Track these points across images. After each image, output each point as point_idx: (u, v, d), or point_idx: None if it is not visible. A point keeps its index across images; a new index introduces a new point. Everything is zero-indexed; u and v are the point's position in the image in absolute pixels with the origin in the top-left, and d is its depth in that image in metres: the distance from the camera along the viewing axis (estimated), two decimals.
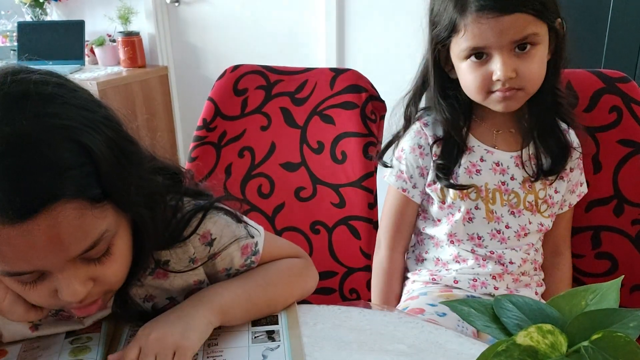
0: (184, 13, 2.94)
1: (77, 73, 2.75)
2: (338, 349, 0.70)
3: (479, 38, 0.97)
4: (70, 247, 0.57)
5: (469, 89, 1.03)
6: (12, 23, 3.14)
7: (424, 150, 1.11)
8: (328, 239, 1.31)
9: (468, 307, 0.54)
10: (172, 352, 0.65)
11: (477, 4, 0.96)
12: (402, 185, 1.13)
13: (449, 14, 1.01)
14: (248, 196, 1.34)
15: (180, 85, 3.10)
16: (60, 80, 0.61)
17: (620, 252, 1.17)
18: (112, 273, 0.64)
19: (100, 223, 0.59)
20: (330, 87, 1.31)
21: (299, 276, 0.84)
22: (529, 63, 0.98)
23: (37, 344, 0.73)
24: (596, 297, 0.52)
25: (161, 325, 0.68)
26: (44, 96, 0.57)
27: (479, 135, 1.09)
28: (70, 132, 0.56)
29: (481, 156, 1.08)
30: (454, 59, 1.04)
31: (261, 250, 0.80)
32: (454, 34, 1.01)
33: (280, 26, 2.70)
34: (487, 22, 0.95)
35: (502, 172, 1.07)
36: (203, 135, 1.34)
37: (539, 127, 1.06)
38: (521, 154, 1.07)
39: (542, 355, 0.45)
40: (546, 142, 1.06)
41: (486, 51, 0.98)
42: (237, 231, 0.77)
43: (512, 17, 0.94)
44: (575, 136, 1.10)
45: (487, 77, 0.99)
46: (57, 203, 0.54)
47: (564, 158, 1.07)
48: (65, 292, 0.60)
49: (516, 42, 0.96)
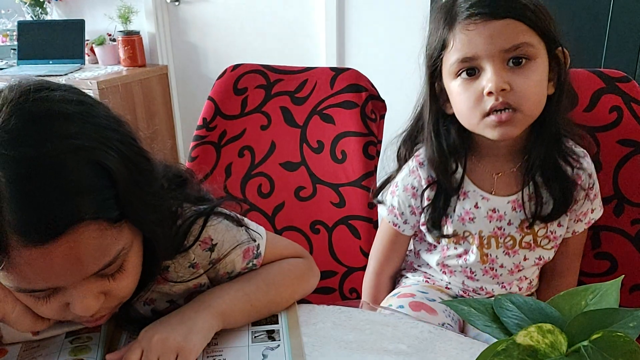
0: (184, 12, 2.94)
1: (77, 72, 2.75)
2: (338, 349, 0.70)
3: (467, 46, 0.91)
4: (88, 266, 0.58)
5: (461, 113, 0.95)
6: (12, 22, 3.14)
7: (417, 191, 1.05)
8: (328, 239, 1.31)
9: (468, 307, 0.54)
10: (174, 354, 0.65)
11: (466, 12, 0.92)
12: (394, 220, 1.10)
13: (440, 32, 0.96)
14: (248, 196, 1.34)
15: (180, 85, 3.10)
16: (80, 98, 0.61)
17: (620, 252, 1.17)
18: (124, 287, 0.65)
19: (118, 242, 0.60)
20: (330, 86, 1.31)
21: (301, 277, 0.84)
22: (525, 78, 0.90)
23: (37, 343, 0.73)
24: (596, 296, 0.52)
25: (164, 327, 0.68)
26: (66, 116, 0.57)
27: (477, 178, 1.02)
28: (92, 153, 0.56)
29: (476, 202, 1.01)
30: (446, 83, 0.97)
31: (263, 253, 0.80)
32: (444, 51, 0.95)
33: (280, 26, 2.70)
34: (475, 27, 0.90)
35: (498, 219, 1.01)
36: (203, 135, 1.34)
37: (541, 167, 0.98)
38: (521, 196, 0.99)
39: (542, 354, 0.45)
40: (548, 184, 0.98)
41: (477, 64, 0.91)
42: (238, 236, 0.77)
43: (503, 22, 0.89)
44: (590, 163, 1.02)
45: (479, 93, 0.91)
46: (78, 225, 0.54)
47: (566, 203, 0.98)
48: (78, 307, 0.61)
49: (508, 50, 0.89)
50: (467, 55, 0.91)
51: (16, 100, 0.56)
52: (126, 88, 2.79)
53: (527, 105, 0.91)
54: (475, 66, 0.92)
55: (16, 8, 3.13)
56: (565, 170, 0.99)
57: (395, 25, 2.40)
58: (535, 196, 0.98)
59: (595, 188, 1.03)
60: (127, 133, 0.63)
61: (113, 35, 2.97)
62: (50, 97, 0.57)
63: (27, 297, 0.62)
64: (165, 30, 3.00)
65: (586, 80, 1.17)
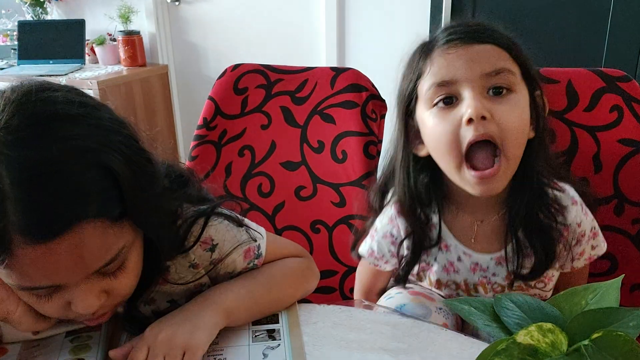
0: (185, 12, 2.94)
1: (77, 72, 2.75)
2: (338, 348, 0.70)
3: (445, 69, 0.84)
4: (90, 264, 0.58)
5: (437, 150, 0.87)
6: (12, 22, 3.14)
7: (396, 240, 0.99)
8: (328, 238, 1.31)
9: (469, 306, 0.54)
10: (181, 352, 0.65)
11: (444, 39, 0.87)
12: (374, 262, 1.04)
13: (414, 64, 0.90)
14: (248, 195, 1.34)
15: (180, 84, 3.10)
16: (83, 100, 0.61)
17: (620, 252, 1.17)
18: (125, 285, 0.65)
19: (119, 240, 0.60)
20: (331, 86, 1.31)
21: (302, 276, 0.84)
22: (506, 108, 0.83)
23: (37, 342, 0.73)
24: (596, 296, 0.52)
25: (169, 325, 0.68)
26: (70, 118, 0.57)
27: (457, 230, 0.95)
28: (95, 155, 0.56)
29: (458, 256, 0.96)
30: (420, 117, 0.90)
31: (264, 253, 0.80)
32: (419, 80, 0.89)
33: (280, 25, 2.70)
34: (454, 51, 0.85)
35: (482, 271, 0.96)
36: (203, 134, 1.34)
37: (523, 223, 0.91)
38: (504, 253, 0.93)
39: (542, 354, 0.45)
40: (531, 241, 0.91)
41: (455, 90, 0.84)
42: (239, 236, 0.77)
43: (484, 46, 0.85)
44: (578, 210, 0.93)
45: (457, 123, 0.83)
46: (80, 224, 0.55)
47: (547, 261, 0.92)
48: (80, 305, 0.61)
49: (489, 75, 0.83)
50: (444, 79, 0.85)
51: (18, 100, 0.56)
52: (126, 88, 2.79)
53: (510, 141, 0.83)
54: (453, 93, 0.85)
55: (16, 8, 3.13)
56: (549, 225, 0.91)
57: (396, 24, 2.40)
58: (517, 254, 0.92)
59: (587, 233, 0.95)
60: (130, 135, 0.63)
61: (113, 35, 2.97)
62: (53, 99, 0.58)
63: (29, 296, 0.62)
64: (165, 30, 2.99)
65: (586, 79, 1.17)
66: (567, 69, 1.21)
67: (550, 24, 2.01)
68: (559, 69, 1.21)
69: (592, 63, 2.00)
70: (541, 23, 2.02)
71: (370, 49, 2.50)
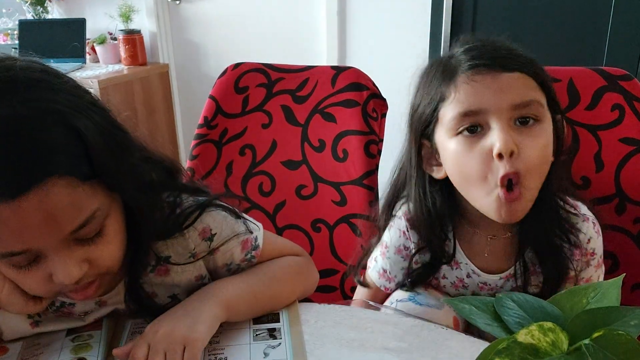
0: (185, 11, 2.94)
1: (78, 71, 2.75)
2: (339, 347, 0.70)
3: (472, 98, 0.81)
4: (63, 224, 0.58)
5: (465, 179, 0.85)
6: (13, 21, 3.14)
7: (410, 252, 0.97)
8: (329, 237, 1.31)
9: (469, 305, 0.54)
10: (181, 346, 0.65)
11: (468, 63, 0.83)
12: (384, 284, 1.00)
13: (435, 87, 0.87)
14: (249, 194, 1.34)
15: (181, 83, 3.10)
16: (44, 67, 0.63)
17: (622, 251, 1.17)
18: (107, 255, 0.65)
19: (91, 201, 0.60)
20: (332, 85, 1.31)
21: (301, 274, 0.85)
22: (532, 140, 0.80)
23: (38, 341, 0.73)
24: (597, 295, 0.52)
25: (169, 321, 0.68)
26: (31, 81, 0.59)
27: (468, 248, 0.94)
28: (61, 116, 0.58)
29: (468, 273, 0.95)
30: (440, 142, 0.87)
31: (261, 244, 0.81)
32: (441, 104, 0.85)
33: (281, 24, 2.70)
34: (482, 79, 0.81)
35: (490, 289, 0.96)
36: (204, 133, 1.34)
37: (535, 243, 0.90)
38: (513, 270, 0.92)
39: (543, 353, 0.45)
40: (542, 263, 0.91)
41: (481, 119, 0.81)
42: (236, 227, 0.78)
43: (512, 75, 0.81)
44: (592, 227, 0.92)
45: (486, 155, 0.80)
46: (48, 180, 0.56)
47: (557, 283, 0.90)
48: (60, 274, 0.61)
49: (518, 107, 0.80)
50: (471, 109, 0.81)
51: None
52: (127, 87, 2.79)
53: (533, 174, 0.82)
54: (480, 123, 0.82)
55: (17, 7, 3.13)
56: (561, 247, 0.90)
57: (397, 23, 2.40)
58: (524, 273, 0.91)
59: (597, 255, 0.94)
60: (95, 102, 0.64)
61: (114, 34, 2.97)
62: (14, 66, 0.59)
63: (11, 269, 0.62)
64: (166, 29, 3.00)
65: (588, 78, 1.17)
66: (568, 67, 1.21)
67: (551, 22, 2.00)
68: (560, 68, 1.21)
69: (593, 62, 2.00)
70: (542, 21, 2.02)
71: (371, 48, 2.50)
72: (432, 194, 0.92)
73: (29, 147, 0.55)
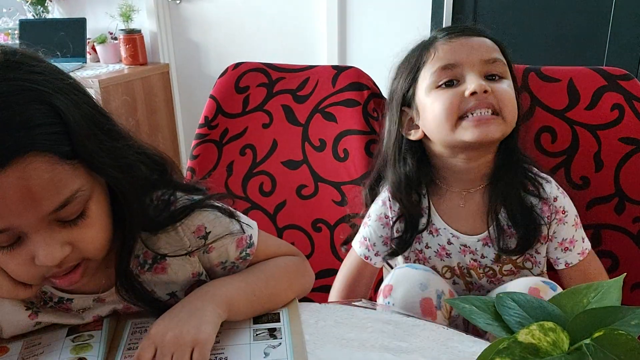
0: (185, 10, 2.94)
1: (78, 71, 2.76)
2: (340, 347, 0.70)
3: (449, 54, 0.96)
4: (43, 202, 0.58)
5: (437, 118, 0.95)
6: (13, 21, 3.14)
7: (390, 221, 1.05)
8: (330, 237, 1.31)
9: (470, 305, 0.54)
10: (190, 349, 0.65)
11: (446, 31, 1.00)
12: (365, 253, 1.07)
13: (415, 57, 1.01)
14: (249, 194, 1.34)
15: (181, 83, 3.10)
16: (26, 53, 0.63)
17: (622, 250, 1.17)
18: (89, 238, 0.64)
19: (72, 180, 0.60)
20: (332, 84, 1.31)
21: (297, 272, 0.85)
22: (502, 86, 0.95)
23: (39, 340, 0.73)
24: (598, 295, 0.52)
25: (175, 323, 0.68)
26: (12, 63, 0.59)
27: (444, 212, 1.03)
28: (39, 94, 0.58)
29: (448, 239, 1.02)
30: (420, 102, 0.99)
31: (256, 242, 0.81)
32: (422, 67, 0.99)
33: (282, 24, 2.70)
34: (457, 39, 0.97)
35: (471, 253, 1.02)
36: (205, 133, 1.34)
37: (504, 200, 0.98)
38: (488, 234, 1.00)
39: (543, 352, 0.45)
40: (513, 219, 0.98)
41: (458, 72, 0.95)
42: (230, 226, 0.78)
43: (480, 38, 0.98)
44: (554, 187, 1.01)
45: (459, 96, 0.93)
46: (26, 156, 0.55)
47: (529, 238, 0.98)
48: (42, 255, 0.60)
49: (486, 62, 0.95)
50: (449, 62, 0.95)
51: None
52: (128, 86, 2.79)
53: (507, 109, 0.93)
54: (456, 77, 0.95)
55: (18, 6, 3.13)
56: (530, 202, 0.99)
57: (397, 23, 2.40)
58: (501, 233, 0.99)
59: (570, 215, 1.00)
60: (78, 86, 0.65)
61: (114, 33, 2.97)
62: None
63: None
64: (166, 29, 3.00)
65: (588, 78, 1.17)
66: (568, 67, 1.21)
67: (551, 21, 2.00)
68: (560, 67, 1.21)
69: (593, 61, 2.00)
70: (542, 21, 2.02)
71: (372, 48, 2.50)
72: (407, 159, 1.03)
73: (7, 123, 0.55)
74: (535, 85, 1.19)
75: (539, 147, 1.18)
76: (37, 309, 0.73)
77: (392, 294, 0.91)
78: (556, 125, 1.18)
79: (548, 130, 1.18)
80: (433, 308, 0.89)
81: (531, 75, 1.20)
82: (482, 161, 0.99)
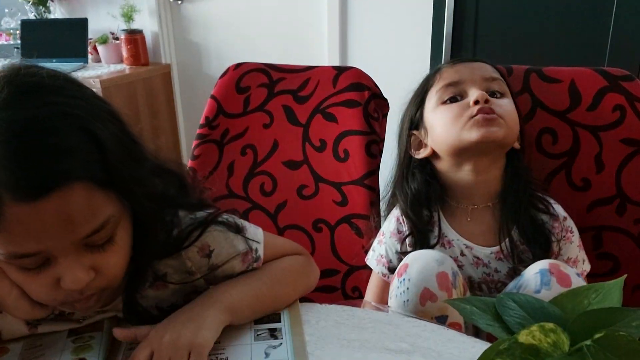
0: (187, 11, 2.94)
1: (80, 71, 2.75)
2: (340, 347, 0.70)
3: (453, 74, 1.04)
4: (78, 228, 0.59)
5: (444, 126, 1.01)
6: (15, 21, 3.14)
7: (403, 235, 1.07)
8: (330, 237, 1.31)
9: (470, 306, 0.54)
10: (187, 353, 0.64)
11: (449, 62, 1.08)
12: (382, 270, 1.09)
13: (422, 85, 1.09)
14: (250, 194, 1.34)
15: (183, 83, 3.10)
16: (68, 77, 0.65)
17: (623, 252, 1.17)
18: (113, 264, 0.65)
19: (106, 207, 0.61)
20: (333, 85, 1.31)
21: (302, 273, 0.85)
22: (502, 101, 1.01)
23: (39, 342, 0.73)
24: (599, 296, 0.52)
25: (173, 326, 0.68)
26: (55, 87, 0.61)
27: (456, 223, 1.05)
28: (79, 120, 0.59)
29: (461, 250, 1.03)
30: (428, 120, 1.06)
31: (262, 256, 0.81)
32: (428, 90, 1.06)
33: (283, 24, 2.70)
34: (459, 64, 1.07)
35: (484, 266, 1.03)
36: (206, 133, 1.34)
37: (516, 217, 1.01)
38: (500, 248, 1.01)
39: (544, 353, 0.45)
40: (525, 235, 1.00)
41: (461, 89, 1.02)
42: (236, 243, 0.77)
43: (479, 63, 1.07)
44: (562, 209, 1.04)
45: (464, 107, 1.00)
46: (68, 183, 0.57)
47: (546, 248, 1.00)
48: (68, 279, 0.61)
49: (487, 80, 1.03)
50: (453, 80, 1.03)
51: (7, 76, 0.60)
52: (129, 87, 2.79)
53: (509, 118, 1.00)
54: (460, 93, 1.02)
55: (19, 7, 3.13)
56: (541, 219, 1.02)
57: (398, 23, 2.40)
58: (514, 248, 1.00)
59: (576, 234, 1.04)
60: (114, 113, 0.66)
61: (116, 33, 2.97)
62: (40, 73, 0.61)
63: (18, 272, 0.62)
64: (168, 29, 3.00)
65: (589, 78, 1.17)
66: (569, 68, 1.21)
67: (553, 22, 2.00)
68: (562, 68, 1.21)
69: (595, 62, 1.99)
70: (544, 22, 2.02)
71: (373, 48, 2.50)
72: (416, 173, 1.09)
73: (50, 148, 0.56)
74: (536, 86, 1.19)
75: (539, 148, 1.18)
76: (37, 322, 0.74)
77: (407, 271, 0.91)
78: (557, 127, 1.17)
79: (549, 131, 1.18)
80: (449, 283, 0.89)
81: (532, 76, 1.20)
82: (489, 176, 1.03)
